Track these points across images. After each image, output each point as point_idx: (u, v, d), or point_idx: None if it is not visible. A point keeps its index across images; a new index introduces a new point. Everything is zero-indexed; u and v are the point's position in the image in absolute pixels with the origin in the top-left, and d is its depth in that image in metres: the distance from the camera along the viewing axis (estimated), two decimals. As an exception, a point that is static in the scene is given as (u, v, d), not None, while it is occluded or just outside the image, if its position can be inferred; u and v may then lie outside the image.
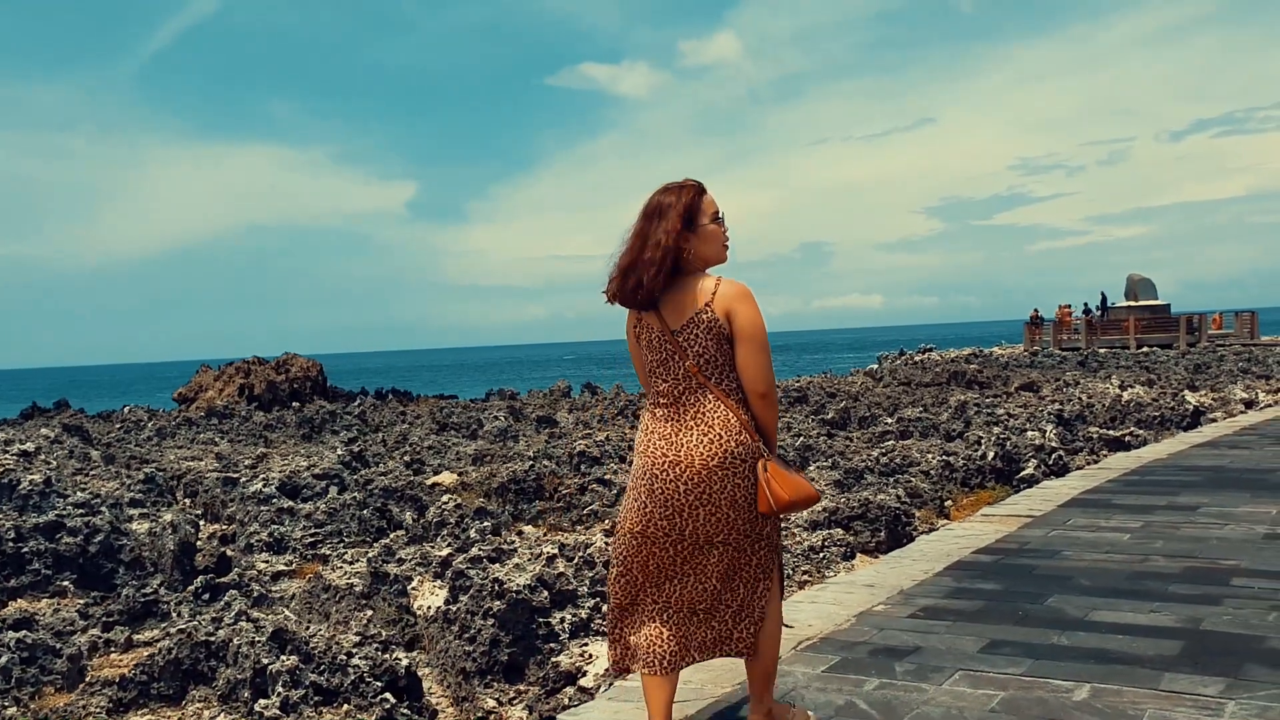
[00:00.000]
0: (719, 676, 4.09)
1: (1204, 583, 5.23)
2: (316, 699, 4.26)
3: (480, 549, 6.06)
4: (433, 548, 6.72)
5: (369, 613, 5.09)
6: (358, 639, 4.51)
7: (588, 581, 5.37)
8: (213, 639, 4.83)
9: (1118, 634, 4.41)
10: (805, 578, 6.65)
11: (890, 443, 13.73)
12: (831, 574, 6.50)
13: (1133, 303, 48.52)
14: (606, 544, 5.73)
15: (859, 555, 7.57)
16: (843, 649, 4.38)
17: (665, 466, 3.13)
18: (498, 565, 5.57)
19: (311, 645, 4.45)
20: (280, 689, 4.17)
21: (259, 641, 4.50)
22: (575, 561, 5.43)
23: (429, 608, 6.31)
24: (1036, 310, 49.82)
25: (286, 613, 4.78)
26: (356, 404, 22.52)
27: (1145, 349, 41.20)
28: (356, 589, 6.75)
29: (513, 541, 6.46)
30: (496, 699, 5.14)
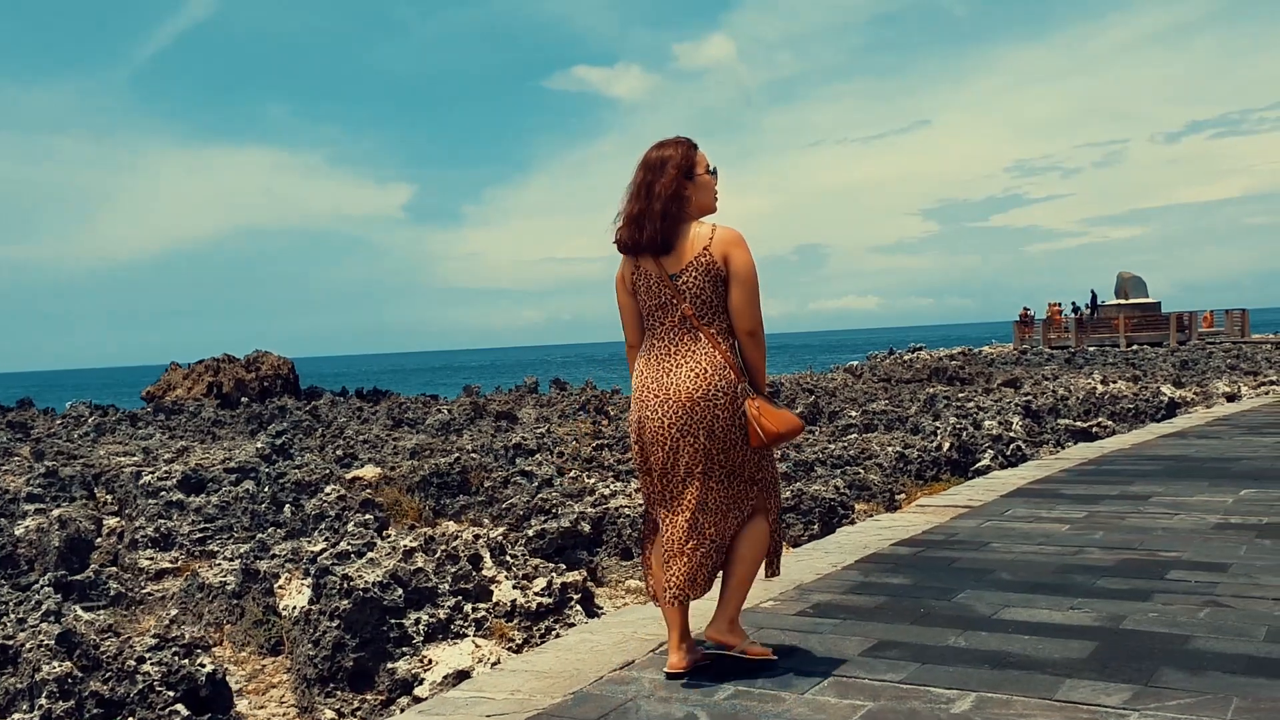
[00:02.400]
0: (551, 686, 3.52)
1: (1137, 576, 4.67)
2: (96, 711, 3.69)
3: (350, 543, 5.49)
4: (309, 542, 6.15)
5: (173, 612, 4.51)
6: (155, 642, 3.93)
7: (449, 578, 4.79)
8: (10, 643, 4.25)
9: (1025, 634, 3.84)
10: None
11: (852, 436, 13.18)
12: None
13: (1123, 301, 47.99)
14: (478, 537, 5.17)
15: (785, 548, 7.01)
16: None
17: (654, 406, 3.33)
18: (363, 560, 5.00)
19: (101, 650, 3.88)
20: (43, 701, 3.59)
21: (45, 645, 3.93)
22: (437, 556, 4.85)
23: (294, 608, 5.74)
24: (1026, 309, 49.23)
25: (78, 611, 4.20)
26: (312, 401, 21.88)
27: (1135, 347, 40.65)
28: (229, 587, 6.19)
29: (389, 535, 5.89)
30: (337, 710, 4.57)
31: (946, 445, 10.05)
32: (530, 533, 6.49)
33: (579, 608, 4.78)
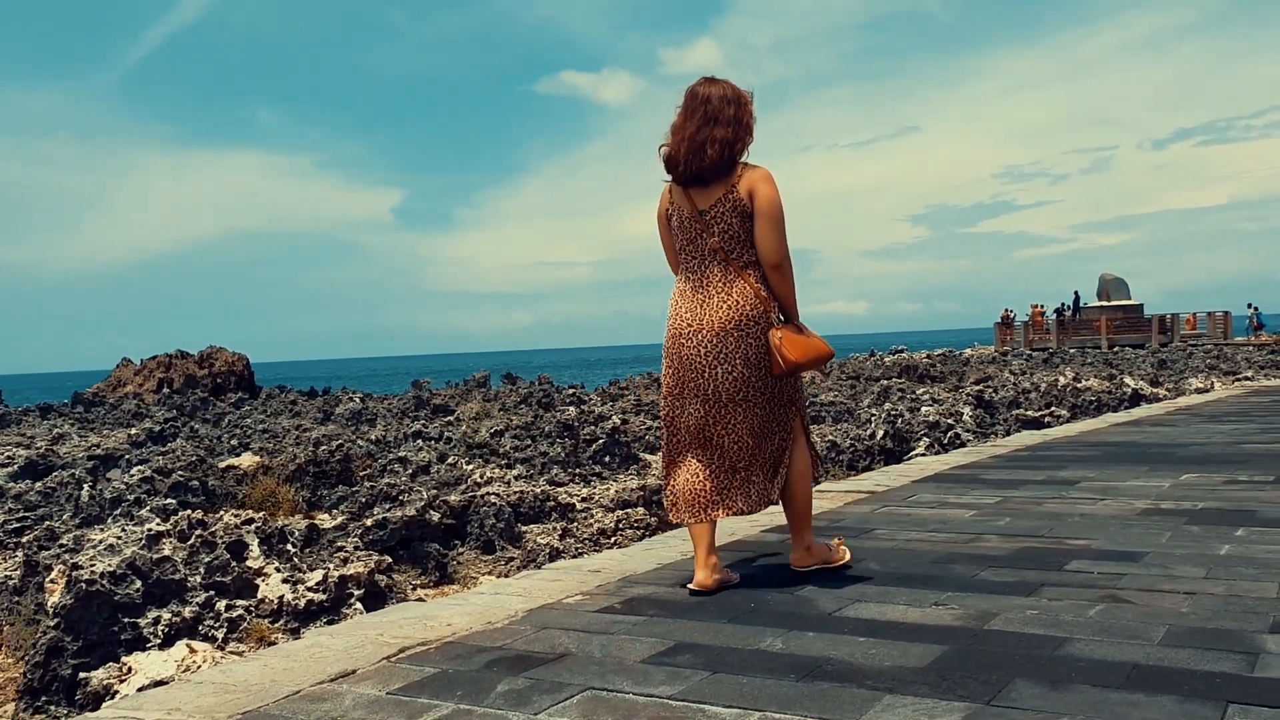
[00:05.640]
0: (226, 703, 2.70)
1: (1031, 567, 3.86)
2: None
3: (125, 529, 4.65)
4: (100, 530, 5.31)
5: None
6: None
7: (203, 569, 3.96)
8: None
9: (861, 636, 3.03)
10: (576, 561, 5.26)
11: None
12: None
13: (1105, 302, 47.32)
14: (249, 521, 4.33)
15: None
16: (456, 658, 2.99)
17: (688, 332, 3.44)
18: (100, 548, 4.16)
19: None
20: None
21: None
22: (191, 543, 4.02)
23: (59, 605, 4.90)
24: (1008, 310, 48.52)
25: None
26: (238, 395, 21.02)
27: (1116, 348, 39.95)
28: (12, 583, 5.36)
29: (184, 520, 5.05)
30: (44, 728, 3.73)
31: (880, 433, 9.26)
32: (368, 522, 5.66)
33: (359, 605, 3.96)
